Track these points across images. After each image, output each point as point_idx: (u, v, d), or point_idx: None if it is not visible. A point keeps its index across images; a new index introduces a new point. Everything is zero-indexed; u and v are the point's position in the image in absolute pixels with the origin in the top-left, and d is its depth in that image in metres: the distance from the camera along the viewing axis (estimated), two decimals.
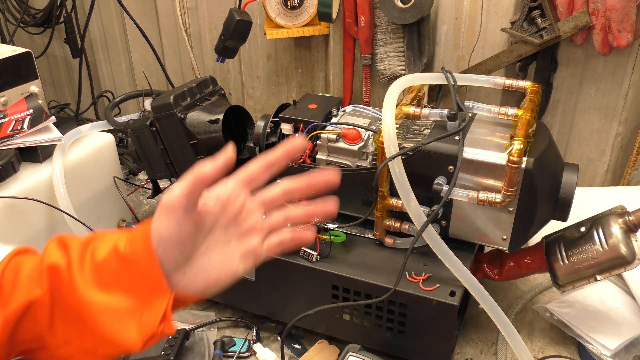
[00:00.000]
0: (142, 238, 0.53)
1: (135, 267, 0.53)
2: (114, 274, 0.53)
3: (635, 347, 0.87)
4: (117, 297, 0.53)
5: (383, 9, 1.22)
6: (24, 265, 0.56)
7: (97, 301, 0.53)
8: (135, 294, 0.53)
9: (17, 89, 1.21)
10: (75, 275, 0.53)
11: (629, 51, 1.14)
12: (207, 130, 1.03)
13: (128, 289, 0.53)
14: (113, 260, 0.53)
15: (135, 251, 0.53)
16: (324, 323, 0.93)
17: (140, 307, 0.53)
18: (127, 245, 0.53)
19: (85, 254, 0.55)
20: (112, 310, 0.53)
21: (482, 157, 0.81)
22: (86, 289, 0.53)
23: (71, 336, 0.55)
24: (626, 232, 0.80)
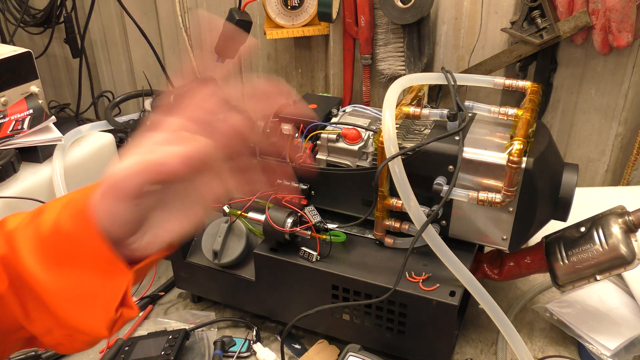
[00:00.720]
0: (82, 215, 0.46)
1: (81, 246, 0.47)
2: (61, 253, 0.48)
3: (635, 347, 0.87)
4: (70, 279, 0.48)
5: (383, 9, 1.22)
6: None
7: (51, 284, 0.48)
8: (89, 274, 0.48)
9: (17, 89, 1.21)
10: (24, 259, 0.48)
11: (629, 51, 1.14)
12: None
13: (80, 269, 0.48)
14: (58, 239, 0.47)
15: (77, 230, 0.47)
16: (324, 323, 0.93)
17: (99, 289, 0.48)
18: (68, 220, 0.47)
19: (28, 234, 0.49)
20: (67, 294, 0.48)
21: (482, 157, 0.81)
22: (37, 271, 0.48)
23: (50, 325, 0.51)
24: (626, 232, 0.80)
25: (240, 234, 0.96)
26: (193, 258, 1.00)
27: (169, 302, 1.08)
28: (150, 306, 1.06)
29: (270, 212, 0.90)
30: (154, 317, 1.04)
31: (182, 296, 1.09)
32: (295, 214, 0.91)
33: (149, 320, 1.03)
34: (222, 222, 0.97)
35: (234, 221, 0.97)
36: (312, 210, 0.91)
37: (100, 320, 0.49)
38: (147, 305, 1.06)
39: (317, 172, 0.94)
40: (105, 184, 0.47)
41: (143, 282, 1.10)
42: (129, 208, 0.47)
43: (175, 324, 1.01)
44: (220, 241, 0.95)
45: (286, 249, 0.91)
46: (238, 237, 0.96)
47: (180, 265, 1.01)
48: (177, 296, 1.09)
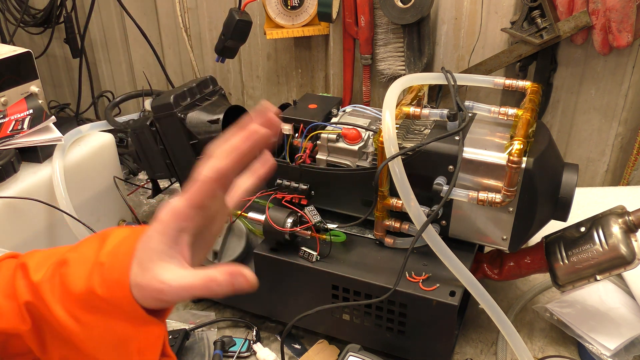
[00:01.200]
0: (120, 288, 0.49)
1: (118, 309, 0.50)
2: (97, 309, 0.50)
3: (635, 347, 0.87)
4: (105, 329, 0.51)
5: (383, 9, 1.22)
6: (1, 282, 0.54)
7: (87, 334, 0.51)
8: (124, 326, 0.51)
9: (17, 89, 1.21)
10: (54, 311, 0.51)
11: (629, 51, 1.14)
12: (207, 130, 1.03)
13: (115, 322, 0.51)
14: (93, 299, 0.50)
15: (115, 298, 0.49)
16: (324, 323, 0.93)
17: (134, 337, 0.51)
18: (103, 288, 0.49)
19: (54, 286, 0.52)
20: (102, 341, 0.51)
21: (482, 157, 0.81)
22: (71, 323, 0.51)
23: (66, 356, 0.54)
24: (626, 232, 0.80)
25: (240, 234, 0.96)
26: None
27: None
28: None
29: (270, 212, 0.90)
30: None
31: None
32: (295, 214, 0.91)
33: None
34: None
35: (234, 221, 0.97)
36: (312, 210, 0.91)
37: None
38: None
39: (317, 172, 0.94)
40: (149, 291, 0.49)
41: None
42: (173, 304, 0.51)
43: (175, 324, 1.01)
44: (220, 241, 0.95)
45: (286, 249, 0.91)
46: (238, 237, 0.96)
47: None
48: None
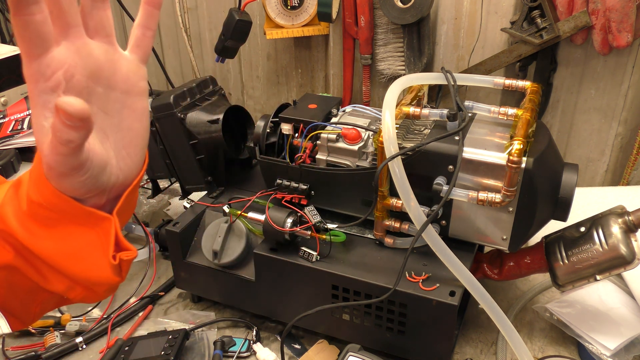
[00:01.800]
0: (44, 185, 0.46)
1: (56, 210, 0.48)
2: (44, 220, 0.49)
3: (635, 347, 0.87)
4: (63, 239, 0.49)
5: (383, 9, 1.22)
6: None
7: (48, 248, 0.49)
8: (78, 230, 0.49)
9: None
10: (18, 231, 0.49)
11: (629, 51, 1.14)
12: (207, 130, 1.03)
13: (68, 228, 0.49)
14: (35, 209, 0.48)
15: (46, 199, 0.47)
16: (324, 323, 0.93)
17: (93, 240, 0.49)
18: (35, 192, 0.48)
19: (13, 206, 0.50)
20: (66, 252, 0.50)
21: (482, 157, 0.81)
22: (32, 240, 0.49)
23: (67, 283, 0.52)
24: (626, 232, 0.80)
25: (240, 234, 0.96)
26: (193, 258, 1.00)
27: (169, 302, 1.08)
28: (150, 306, 1.06)
29: (270, 212, 0.90)
30: (154, 317, 1.04)
31: (182, 296, 1.09)
32: (295, 214, 0.91)
33: (149, 320, 1.03)
34: (222, 222, 0.97)
35: (234, 221, 0.97)
36: (312, 210, 0.91)
37: (104, 268, 0.50)
38: (147, 305, 1.06)
39: (317, 172, 0.94)
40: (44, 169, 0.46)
41: (143, 282, 1.11)
42: (73, 180, 0.46)
43: (175, 324, 1.01)
44: (220, 241, 0.95)
45: (286, 249, 0.91)
46: (238, 237, 0.96)
47: (180, 266, 1.01)
48: (177, 296, 1.09)
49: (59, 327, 1.00)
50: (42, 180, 0.46)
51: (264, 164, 0.98)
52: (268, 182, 1.00)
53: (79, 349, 0.96)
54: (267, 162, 0.98)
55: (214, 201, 1.05)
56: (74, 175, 0.45)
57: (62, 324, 1.00)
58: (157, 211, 1.34)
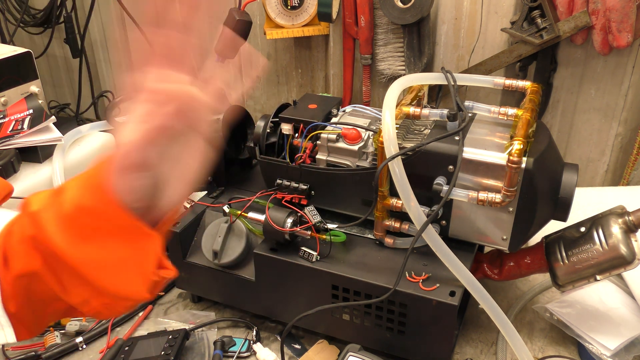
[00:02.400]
0: (101, 191, 0.48)
1: (106, 219, 0.49)
2: (88, 228, 0.49)
3: (635, 347, 0.87)
4: (102, 250, 0.50)
5: (383, 9, 1.22)
6: (15, 228, 0.53)
7: (84, 258, 0.50)
8: (119, 243, 0.50)
9: (17, 89, 1.21)
10: (53, 239, 0.50)
11: (629, 51, 1.14)
12: None
13: (110, 240, 0.50)
14: (83, 216, 0.49)
15: (99, 205, 0.48)
16: (324, 323, 0.93)
17: (132, 255, 0.50)
18: (88, 196, 0.49)
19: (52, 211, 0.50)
20: (102, 264, 0.50)
21: (482, 157, 0.81)
22: (69, 248, 0.49)
23: (87, 295, 0.53)
24: (626, 232, 0.80)
25: (240, 234, 0.96)
26: (193, 258, 1.00)
27: (169, 302, 1.08)
28: (150, 306, 1.06)
29: (270, 212, 0.90)
30: (154, 317, 1.04)
31: (182, 296, 1.09)
32: (295, 214, 0.90)
33: (149, 320, 1.03)
34: (222, 222, 0.97)
35: (234, 221, 0.97)
36: (312, 210, 0.90)
37: (138, 284, 0.51)
38: (147, 305, 1.06)
39: (317, 172, 0.94)
40: (115, 160, 0.48)
41: None
42: (141, 177, 0.48)
43: (175, 324, 1.01)
44: (220, 241, 0.95)
45: (286, 249, 0.91)
46: (238, 237, 0.96)
47: (180, 265, 1.01)
48: (177, 296, 1.09)
49: (59, 327, 1.00)
50: (99, 185, 0.48)
51: (264, 164, 0.98)
52: (268, 182, 1.00)
53: (79, 349, 0.96)
54: (267, 162, 0.98)
55: (214, 201, 1.05)
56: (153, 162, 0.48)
57: (62, 324, 1.00)
58: None
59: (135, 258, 0.51)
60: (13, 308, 0.53)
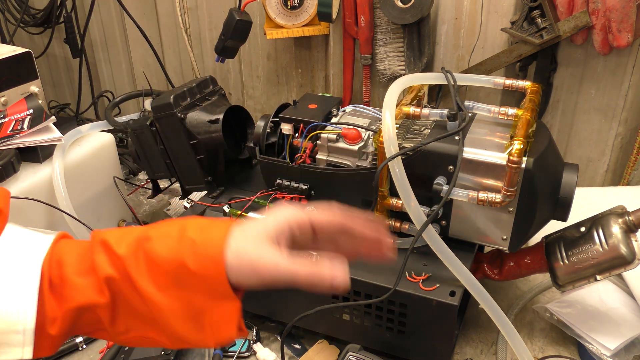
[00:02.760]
0: (215, 264, 0.53)
1: (205, 283, 0.54)
2: (182, 282, 0.54)
3: (635, 347, 0.87)
4: (187, 302, 0.55)
5: (383, 9, 1.22)
6: (66, 259, 0.56)
7: (169, 305, 0.55)
8: (204, 298, 0.55)
9: (17, 89, 1.21)
10: (140, 284, 0.54)
11: (629, 51, 1.14)
12: (207, 130, 1.03)
13: (197, 296, 0.55)
14: (181, 272, 0.54)
15: (206, 273, 0.53)
16: (324, 323, 0.93)
17: (210, 310, 0.55)
18: (196, 263, 0.53)
19: (139, 260, 0.55)
20: (182, 314, 0.55)
21: (482, 157, 0.81)
22: (156, 295, 0.54)
23: (133, 327, 0.57)
24: (626, 232, 0.80)
25: None
26: None
27: None
28: None
29: None
30: None
31: None
32: None
33: None
34: None
35: None
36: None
37: (207, 335, 0.55)
38: None
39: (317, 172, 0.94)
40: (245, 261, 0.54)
41: None
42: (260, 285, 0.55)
43: None
44: None
45: None
46: None
47: None
48: None
49: None
50: (214, 259, 0.53)
51: (264, 164, 0.98)
52: (268, 182, 1.00)
53: (79, 349, 0.96)
54: (267, 162, 0.98)
55: (214, 201, 1.05)
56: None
57: None
58: (158, 211, 1.34)
59: (212, 312, 0.55)
60: (55, 332, 0.55)
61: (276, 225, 0.55)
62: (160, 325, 0.56)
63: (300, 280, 0.54)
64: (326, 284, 0.54)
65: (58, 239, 0.59)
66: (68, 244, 0.59)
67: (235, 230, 0.54)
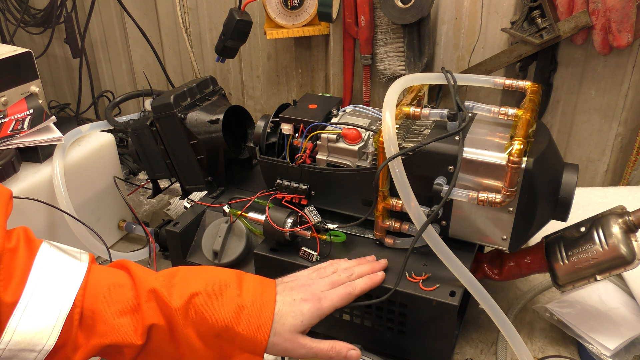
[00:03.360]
0: (263, 332, 0.64)
1: (246, 342, 0.64)
2: (224, 337, 0.63)
3: (635, 347, 0.87)
4: (220, 349, 0.64)
5: (383, 9, 1.22)
6: (99, 293, 0.61)
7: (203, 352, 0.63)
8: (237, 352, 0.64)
9: (17, 89, 1.21)
10: (184, 333, 0.62)
11: (629, 51, 1.14)
12: (207, 130, 1.03)
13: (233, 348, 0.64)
14: (228, 332, 0.63)
15: (251, 336, 0.63)
16: (324, 323, 0.92)
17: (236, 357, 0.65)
18: (245, 328, 0.63)
19: (189, 314, 0.63)
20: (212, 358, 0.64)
21: (482, 157, 0.81)
22: (195, 343, 0.63)
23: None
24: (626, 232, 0.80)
25: (240, 234, 0.96)
26: (193, 258, 1.00)
27: None
28: None
29: (270, 212, 0.90)
30: None
31: None
32: (295, 214, 0.91)
33: None
34: (222, 222, 0.97)
35: (234, 221, 0.97)
36: (312, 210, 0.91)
37: None
38: None
39: (317, 172, 0.94)
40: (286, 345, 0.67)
41: None
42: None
43: None
44: (220, 241, 0.95)
45: (286, 249, 0.91)
46: (238, 237, 0.96)
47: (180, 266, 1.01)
48: None
49: None
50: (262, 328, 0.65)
51: (264, 164, 0.98)
52: (268, 182, 1.00)
53: None
54: (267, 162, 0.98)
55: (214, 201, 1.05)
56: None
57: None
58: (158, 211, 1.34)
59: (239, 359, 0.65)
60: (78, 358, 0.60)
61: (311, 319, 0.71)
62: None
63: (322, 355, 0.68)
64: (342, 356, 0.70)
65: (91, 266, 0.63)
66: (100, 273, 0.64)
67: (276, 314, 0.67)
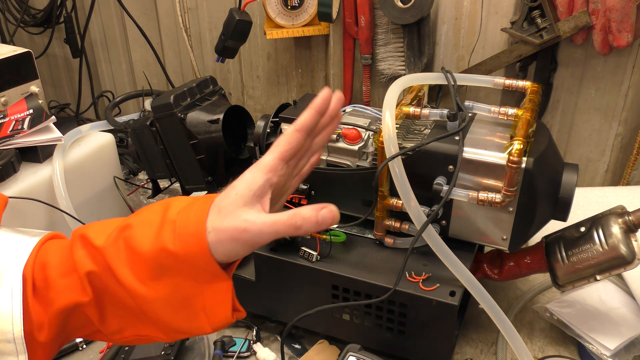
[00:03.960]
0: (197, 241, 0.50)
1: (189, 264, 0.51)
2: (166, 269, 0.51)
3: (635, 347, 0.87)
4: (172, 289, 0.52)
5: (383, 9, 1.22)
6: (50, 261, 0.54)
7: (153, 295, 0.52)
8: (191, 283, 0.52)
9: (17, 89, 1.21)
10: (121, 275, 0.51)
11: (629, 51, 1.14)
12: (207, 130, 1.03)
13: (184, 281, 0.51)
14: (163, 257, 0.51)
15: (188, 252, 0.50)
16: (324, 323, 0.93)
17: (201, 294, 0.52)
18: (177, 244, 0.50)
19: (119, 249, 0.52)
20: (171, 303, 0.52)
21: (482, 157, 0.81)
22: (139, 286, 0.51)
23: (126, 325, 0.55)
24: (626, 232, 0.80)
25: None
26: None
27: None
28: None
29: None
30: None
31: None
32: None
33: None
34: None
35: None
36: None
37: (203, 321, 0.53)
38: None
39: (317, 172, 0.94)
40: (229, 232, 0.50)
41: None
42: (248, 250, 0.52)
43: None
44: None
45: (286, 249, 0.91)
46: None
47: None
48: None
49: None
50: (194, 235, 0.50)
51: None
52: None
53: (79, 349, 0.96)
54: None
55: None
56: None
57: None
58: None
59: (202, 296, 0.52)
60: (44, 338, 0.53)
61: (251, 185, 0.52)
62: (150, 318, 0.53)
63: (282, 227, 0.50)
64: (311, 220, 0.50)
65: (44, 241, 0.56)
66: (54, 244, 0.56)
67: (221, 197, 0.52)
